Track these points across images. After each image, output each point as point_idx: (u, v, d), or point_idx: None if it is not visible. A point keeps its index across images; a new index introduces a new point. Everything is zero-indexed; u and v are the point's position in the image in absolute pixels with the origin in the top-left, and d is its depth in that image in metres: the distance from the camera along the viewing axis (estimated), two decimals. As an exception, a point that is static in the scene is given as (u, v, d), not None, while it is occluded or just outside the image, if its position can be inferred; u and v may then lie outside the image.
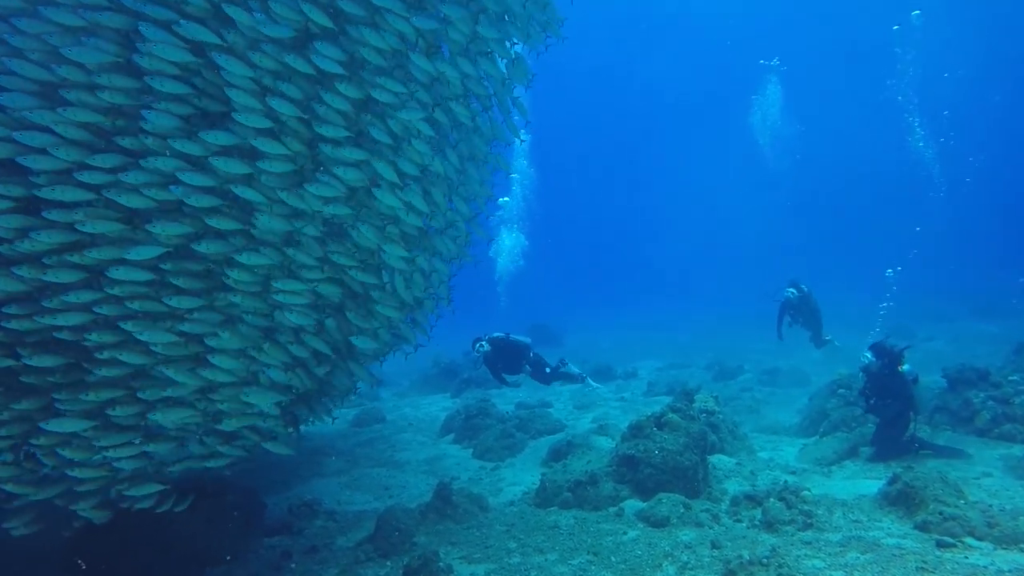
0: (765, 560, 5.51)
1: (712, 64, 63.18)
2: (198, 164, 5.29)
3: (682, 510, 7.00)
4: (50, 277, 4.97)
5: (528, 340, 11.40)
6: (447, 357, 20.75)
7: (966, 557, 5.58)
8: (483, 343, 10.97)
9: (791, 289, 14.03)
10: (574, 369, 11.99)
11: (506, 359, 11.18)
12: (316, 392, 7.25)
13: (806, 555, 5.77)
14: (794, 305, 14.08)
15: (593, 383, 12.35)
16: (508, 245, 29.27)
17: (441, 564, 6.03)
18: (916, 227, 24.97)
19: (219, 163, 5.27)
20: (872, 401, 9.15)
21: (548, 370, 11.32)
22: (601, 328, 33.42)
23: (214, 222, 5.40)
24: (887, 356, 9.11)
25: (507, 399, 15.70)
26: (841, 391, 10.69)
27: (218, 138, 5.28)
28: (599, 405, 14.39)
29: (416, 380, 20.63)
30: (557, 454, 9.76)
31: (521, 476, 9.62)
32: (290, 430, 6.98)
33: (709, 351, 21.45)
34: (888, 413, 8.93)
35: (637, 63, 69.35)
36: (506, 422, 12.15)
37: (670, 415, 8.18)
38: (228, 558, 6.97)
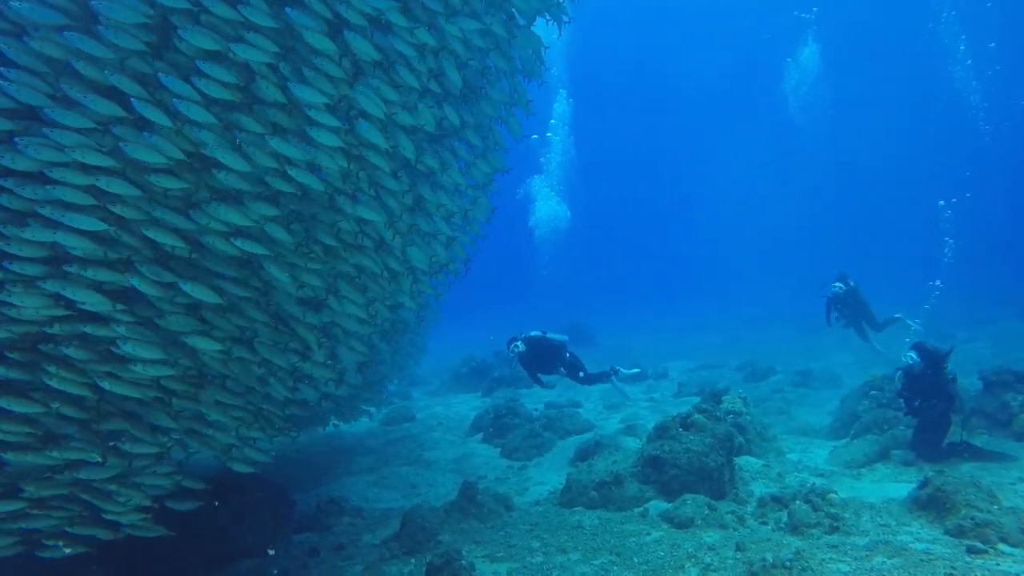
0: (788, 563, 5.47)
1: (744, 48, 61.27)
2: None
3: (707, 511, 6.96)
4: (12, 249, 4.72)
5: (564, 338, 11.35)
6: (478, 356, 20.88)
7: (998, 564, 5.47)
8: (518, 343, 10.93)
9: (838, 283, 13.85)
10: (626, 371, 11.97)
11: (541, 358, 11.12)
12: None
13: (831, 559, 5.70)
14: (841, 299, 13.90)
15: (617, 382, 12.15)
16: (546, 208, 28.85)
17: (463, 562, 6.07)
18: (966, 171, 23.79)
19: (183, 106, 4.93)
20: (917, 403, 8.94)
21: (582, 374, 11.26)
22: (635, 329, 33.24)
23: (157, 179, 5.04)
24: (930, 357, 8.93)
25: (537, 398, 15.71)
26: (873, 393, 10.51)
27: (176, 85, 4.94)
28: (628, 405, 14.34)
29: (447, 379, 20.80)
30: (584, 454, 9.77)
31: (548, 476, 9.64)
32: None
33: (742, 352, 21.26)
34: (932, 414, 8.74)
35: (666, 55, 68.19)
36: (534, 422, 12.19)
37: (696, 416, 8.14)
38: (271, 551, 7.06)
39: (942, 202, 18.20)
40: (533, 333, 11.13)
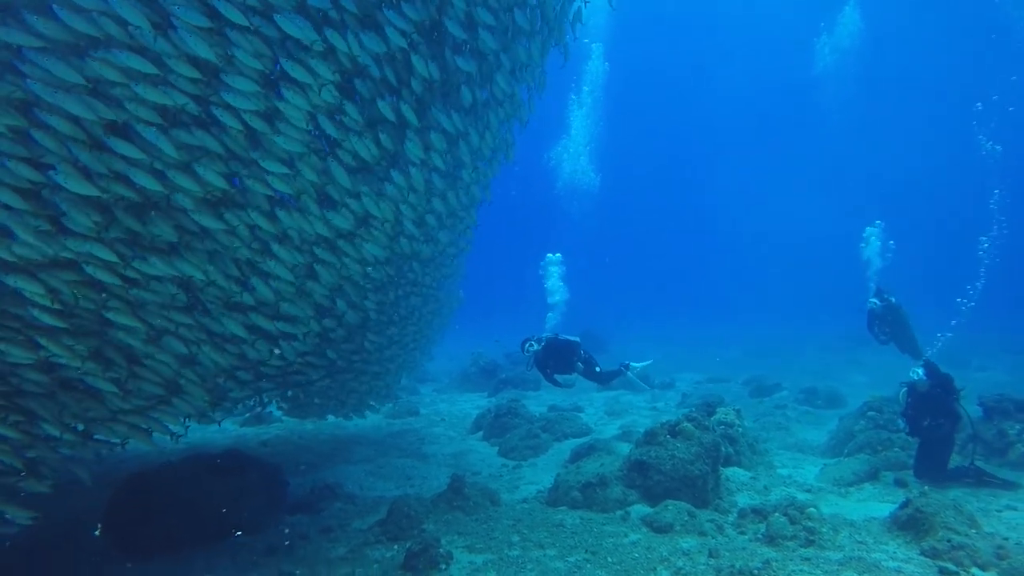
0: (756, 571, 5.57)
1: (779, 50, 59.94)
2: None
3: (687, 518, 7.05)
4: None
5: (577, 339, 11.47)
6: (488, 356, 21.08)
7: (966, 586, 5.52)
8: (533, 343, 11.06)
9: (873, 299, 13.87)
10: (636, 365, 11.94)
11: (557, 358, 11.21)
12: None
13: (801, 571, 5.76)
14: (879, 316, 13.88)
15: (632, 375, 12.13)
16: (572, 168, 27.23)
17: (442, 550, 6.27)
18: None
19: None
20: (927, 422, 8.72)
21: (598, 369, 11.34)
22: (652, 340, 33.15)
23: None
24: (939, 376, 8.88)
25: (541, 401, 15.88)
26: (871, 413, 10.50)
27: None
28: (629, 413, 14.45)
29: (456, 377, 21.05)
30: (578, 456, 9.86)
31: (541, 476, 9.77)
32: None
33: (758, 367, 21.21)
34: (938, 435, 8.66)
35: (702, 52, 67.11)
36: (533, 423, 12.33)
37: (684, 424, 8.23)
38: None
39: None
40: (545, 335, 11.26)
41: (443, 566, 6.19)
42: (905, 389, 9.10)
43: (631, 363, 11.90)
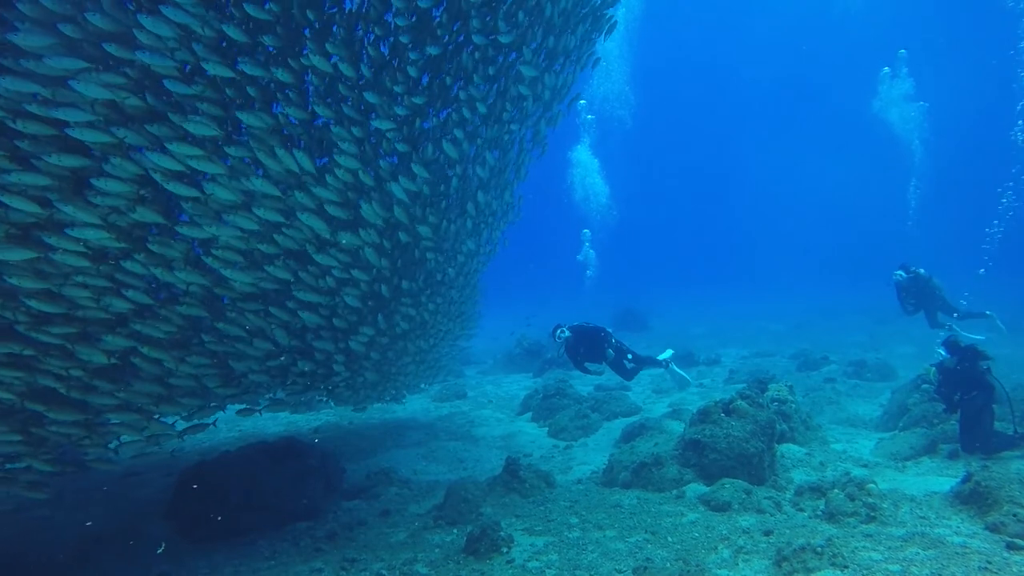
0: (819, 549, 5.54)
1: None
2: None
3: (744, 496, 7.04)
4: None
5: (608, 327, 11.45)
6: (531, 337, 21.12)
7: (1036, 560, 5.44)
8: (564, 329, 11.05)
9: (899, 271, 13.70)
10: (664, 355, 11.87)
11: (588, 346, 11.19)
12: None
13: (864, 547, 5.74)
14: (905, 287, 13.71)
15: (677, 369, 12.17)
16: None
17: (503, 534, 6.35)
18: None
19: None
20: (957, 397, 8.69)
21: (630, 356, 11.31)
22: (695, 314, 32.90)
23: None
24: (961, 352, 8.78)
25: (587, 381, 15.87)
26: (925, 386, 10.31)
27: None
28: (677, 390, 14.38)
29: (500, 359, 21.14)
30: (629, 436, 9.90)
31: (592, 456, 9.83)
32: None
33: (804, 340, 20.95)
34: (973, 407, 8.56)
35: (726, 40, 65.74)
36: (582, 403, 12.38)
37: (738, 402, 8.20)
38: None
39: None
40: (576, 322, 11.23)
41: (504, 549, 6.28)
42: (934, 368, 9.03)
43: (654, 356, 11.81)
